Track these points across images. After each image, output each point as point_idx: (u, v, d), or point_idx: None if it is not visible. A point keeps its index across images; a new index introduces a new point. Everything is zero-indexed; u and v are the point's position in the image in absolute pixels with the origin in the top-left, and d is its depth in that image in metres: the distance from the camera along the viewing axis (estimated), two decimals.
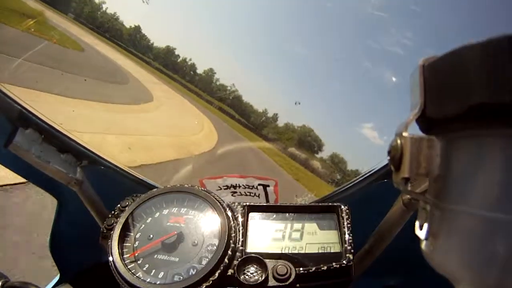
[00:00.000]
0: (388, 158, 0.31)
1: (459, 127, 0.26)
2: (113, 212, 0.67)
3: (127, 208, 0.66)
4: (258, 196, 0.81)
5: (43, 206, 2.75)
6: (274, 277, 0.55)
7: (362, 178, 0.76)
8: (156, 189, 0.70)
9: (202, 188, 0.68)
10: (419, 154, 0.29)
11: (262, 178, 0.80)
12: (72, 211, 0.78)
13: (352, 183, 0.78)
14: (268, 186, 0.80)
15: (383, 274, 0.73)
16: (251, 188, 0.80)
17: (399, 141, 0.29)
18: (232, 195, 0.81)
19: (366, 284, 0.72)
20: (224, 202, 0.65)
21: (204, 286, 0.54)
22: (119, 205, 0.67)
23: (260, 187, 0.80)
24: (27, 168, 0.67)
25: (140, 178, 0.83)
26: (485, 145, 0.24)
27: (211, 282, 0.54)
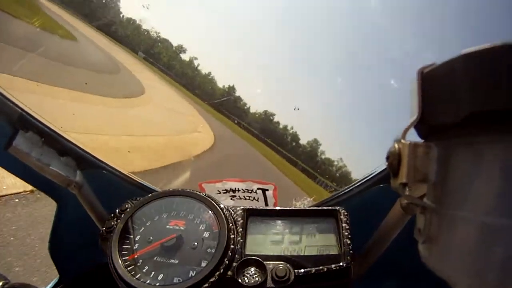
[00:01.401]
0: (387, 163, 0.31)
1: (457, 134, 0.26)
2: (112, 215, 0.67)
3: (126, 211, 0.66)
4: (257, 200, 0.81)
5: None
6: (273, 279, 0.56)
7: (360, 182, 0.76)
8: (155, 192, 0.70)
9: (201, 192, 0.69)
10: (417, 160, 0.29)
11: (261, 183, 0.81)
12: (71, 214, 0.78)
13: (351, 187, 0.78)
14: (267, 190, 0.80)
15: (382, 277, 0.73)
16: (250, 192, 0.81)
17: (397, 147, 0.30)
18: (231, 199, 0.81)
19: (365, 287, 0.72)
20: (223, 205, 0.66)
21: None
22: (118, 208, 0.67)
23: (259, 191, 0.81)
24: (27, 171, 0.67)
25: (140, 181, 0.83)
26: (482, 151, 0.25)
27: (210, 284, 0.55)
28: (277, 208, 0.72)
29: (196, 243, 0.61)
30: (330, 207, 0.68)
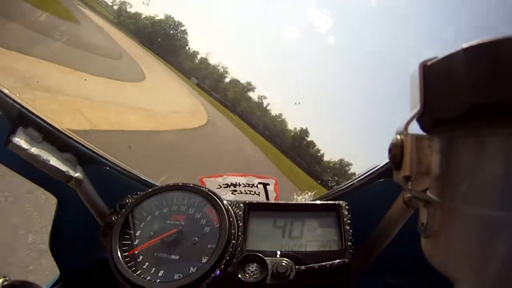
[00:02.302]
0: (389, 156, 0.31)
1: (460, 126, 0.26)
2: (113, 210, 0.67)
3: (127, 206, 0.66)
4: (258, 195, 0.81)
5: None
6: (274, 275, 0.55)
7: (363, 176, 0.76)
8: (156, 187, 0.70)
9: (202, 186, 0.68)
10: (419, 153, 0.29)
11: (262, 177, 0.80)
12: (72, 210, 0.78)
13: (353, 182, 0.78)
14: (268, 184, 0.80)
15: (384, 272, 0.73)
16: (251, 187, 0.80)
17: (400, 140, 0.30)
18: (232, 193, 0.81)
19: (367, 283, 0.72)
20: (224, 200, 0.65)
21: (204, 284, 0.54)
22: (119, 204, 0.67)
23: (260, 186, 0.80)
24: (27, 167, 0.66)
25: (140, 176, 0.83)
26: (485, 144, 0.24)
27: (211, 280, 0.54)
28: (278, 202, 0.72)
29: (196, 239, 0.61)
30: (331, 202, 0.67)
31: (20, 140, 0.63)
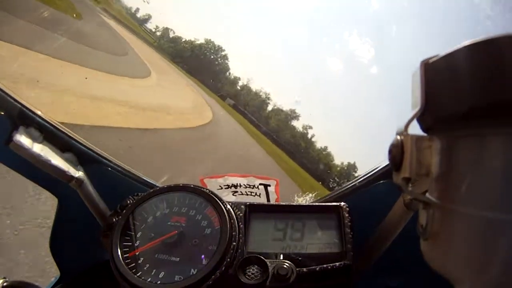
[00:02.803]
0: (389, 157, 0.31)
1: (460, 126, 0.26)
2: (113, 211, 0.67)
3: (127, 207, 0.66)
4: (259, 196, 0.81)
5: None
6: (275, 277, 0.55)
7: (363, 178, 0.75)
8: (157, 188, 0.70)
9: (203, 188, 0.68)
10: (420, 154, 0.29)
11: (263, 178, 0.80)
12: (72, 210, 0.78)
13: (353, 183, 0.77)
14: (269, 185, 0.80)
15: (385, 274, 0.73)
16: (252, 188, 0.80)
17: (400, 141, 0.29)
18: (233, 194, 0.81)
19: (367, 285, 0.72)
20: (225, 201, 0.65)
21: (205, 286, 0.54)
22: (119, 204, 0.67)
23: (261, 187, 0.80)
24: (27, 167, 0.66)
25: (141, 177, 0.83)
26: (486, 144, 0.24)
27: (211, 281, 0.54)
28: (279, 203, 0.72)
29: (197, 240, 0.60)
30: (332, 203, 0.67)
31: (21, 140, 0.63)
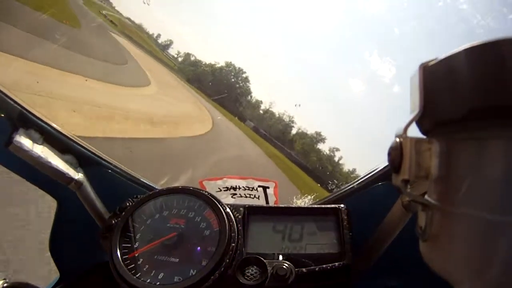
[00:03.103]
0: (388, 159, 0.31)
1: (459, 129, 0.26)
2: (113, 213, 0.67)
3: (127, 209, 0.66)
4: (258, 198, 0.81)
5: None
6: (274, 278, 0.55)
7: (362, 179, 0.76)
8: (156, 190, 0.70)
9: (202, 190, 0.68)
10: (419, 156, 0.29)
11: (262, 180, 0.80)
12: (72, 212, 0.78)
13: (352, 185, 0.78)
14: (268, 188, 0.80)
15: (384, 275, 0.73)
16: (251, 190, 0.80)
17: (399, 143, 0.30)
18: (232, 196, 0.81)
19: (366, 285, 0.72)
20: (224, 203, 0.65)
21: (204, 287, 0.54)
22: (119, 206, 0.67)
23: (260, 189, 0.80)
24: (27, 169, 0.66)
25: (141, 179, 0.83)
26: (485, 147, 0.24)
27: (211, 282, 0.54)
28: (278, 206, 0.72)
29: (196, 242, 0.61)
30: (331, 205, 0.67)
31: (21, 142, 0.62)
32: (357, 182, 0.76)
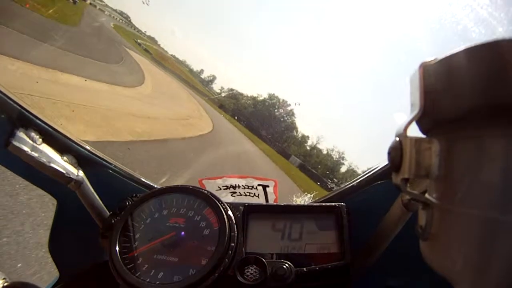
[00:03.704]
0: (388, 158, 0.31)
1: (459, 128, 0.26)
2: (112, 212, 0.66)
3: (126, 208, 0.66)
4: (258, 197, 0.81)
5: None
6: (273, 277, 0.55)
7: (361, 178, 0.75)
8: (155, 189, 0.69)
9: (202, 189, 0.68)
10: (419, 155, 0.29)
11: (262, 179, 0.80)
12: (71, 212, 0.78)
13: (352, 184, 0.77)
14: (268, 186, 0.80)
15: (383, 274, 0.73)
16: (251, 189, 0.80)
17: (399, 142, 0.29)
18: (231, 195, 0.81)
19: (366, 285, 0.72)
20: (223, 202, 0.65)
21: (204, 286, 0.54)
22: (118, 206, 0.67)
23: (260, 188, 0.80)
24: (26, 169, 0.66)
25: (140, 178, 0.83)
26: (485, 146, 0.24)
27: (210, 282, 0.54)
28: (277, 204, 0.72)
29: (196, 241, 0.60)
30: (331, 204, 0.67)
31: (20, 142, 0.62)
32: (357, 181, 0.76)
